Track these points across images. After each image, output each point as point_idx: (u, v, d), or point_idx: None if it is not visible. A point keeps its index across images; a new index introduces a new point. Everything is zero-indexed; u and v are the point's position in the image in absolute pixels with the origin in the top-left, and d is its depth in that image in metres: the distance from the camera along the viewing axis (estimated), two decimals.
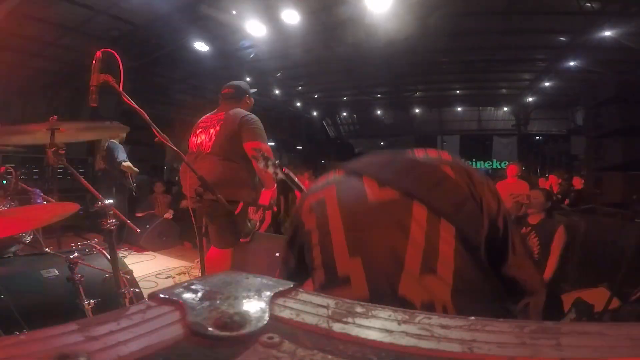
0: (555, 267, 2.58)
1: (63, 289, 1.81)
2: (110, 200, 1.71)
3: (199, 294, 0.37)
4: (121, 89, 1.46)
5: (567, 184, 6.49)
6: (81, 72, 6.85)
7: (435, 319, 0.32)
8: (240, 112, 2.26)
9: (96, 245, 2.23)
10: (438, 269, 0.67)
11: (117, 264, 1.81)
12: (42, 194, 3.03)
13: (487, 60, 8.02)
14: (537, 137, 13.03)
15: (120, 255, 3.73)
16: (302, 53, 7.38)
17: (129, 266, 2.42)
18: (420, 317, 0.33)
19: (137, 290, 1.98)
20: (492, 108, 13.05)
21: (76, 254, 1.78)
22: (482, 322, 0.31)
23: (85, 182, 1.77)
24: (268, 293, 0.37)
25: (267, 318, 0.32)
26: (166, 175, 8.74)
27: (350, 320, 0.33)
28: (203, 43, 6.47)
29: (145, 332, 0.30)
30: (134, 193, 4.78)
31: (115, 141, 4.51)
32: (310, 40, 6.58)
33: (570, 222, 2.83)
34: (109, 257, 1.88)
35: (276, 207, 5.18)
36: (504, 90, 11.28)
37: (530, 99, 11.16)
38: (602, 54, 6.59)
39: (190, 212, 1.91)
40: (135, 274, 2.40)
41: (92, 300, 1.71)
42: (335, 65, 8.19)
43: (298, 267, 0.86)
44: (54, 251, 2.17)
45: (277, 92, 10.28)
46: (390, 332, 0.31)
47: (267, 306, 0.34)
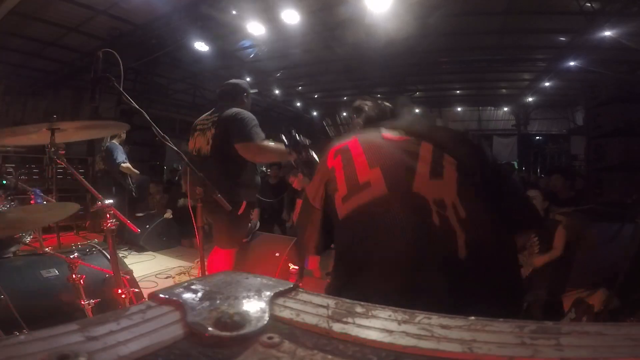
0: (556, 258, 2.60)
1: (63, 289, 1.81)
2: (110, 200, 1.71)
3: (199, 294, 0.37)
4: (121, 89, 1.46)
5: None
6: (81, 72, 6.89)
7: (435, 319, 0.32)
8: (235, 112, 2.18)
9: (96, 245, 2.23)
10: (444, 177, 0.86)
11: (117, 264, 1.81)
12: (42, 194, 3.03)
13: (487, 60, 8.00)
14: (537, 137, 13.02)
15: (120, 255, 3.74)
16: (302, 53, 7.37)
17: (129, 266, 2.42)
18: (420, 317, 0.33)
19: (137, 290, 1.98)
20: (492, 108, 13.04)
21: (76, 254, 1.78)
22: (482, 322, 0.31)
23: (85, 182, 1.76)
24: (268, 293, 0.37)
25: (267, 318, 0.32)
26: (166, 176, 8.73)
27: (350, 320, 0.33)
28: (203, 43, 6.46)
29: (145, 332, 0.30)
30: (133, 194, 4.77)
31: (116, 142, 4.50)
32: (310, 40, 6.57)
33: (570, 222, 2.82)
34: (109, 257, 1.88)
35: (277, 207, 5.19)
36: (504, 90, 11.27)
37: (530, 99, 11.15)
38: (602, 54, 6.58)
39: (191, 212, 1.91)
40: (135, 274, 2.40)
41: (92, 300, 1.71)
42: (335, 65, 8.18)
43: (322, 222, 1.01)
44: (54, 251, 2.16)
45: (277, 92, 10.27)
46: (390, 332, 0.30)
47: (267, 306, 0.34)
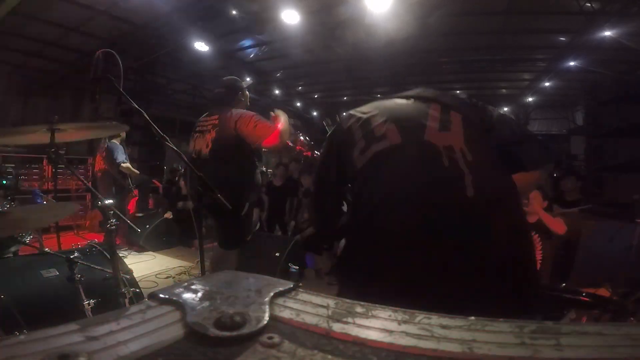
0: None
1: (63, 289, 1.81)
2: (110, 201, 1.71)
3: (199, 294, 0.37)
4: (121, 89, 1.46)
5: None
6: (81, 72, 6.88)
7: (435, 319, 0.32)
8: (232, 114, 2.17)
9: (96, 245, 2.23)
10: (452, 129, 0.98)
11: (117, 264, 1.81)
12: (42, 194, 3.03)
13: (487, 60, 8.00)
14: (537, 137, 13.03)
15: (120, 255, 3.73)
16: (302, 53, 7.36)
17: (129, 266, 2.42)
18: (420, 317, 0.32)
19: (137, 290, 1.98)
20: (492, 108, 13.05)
21: (76, 254, 1.78)
22: (482, 322, 0.31)
23: (85, 182, 1.77)
24: (268, 293, 0.37)
25: (267, 318, 0.32)
26: (166, 176, 8.72)
27: (350, 320, 0.32)
28: (203, 43, 6.46)
29: (145, 332, 0.30)
30: (133, 194, 4.77)
31: (116, 142, 4.49)
32: (310, 40, 6.56)
33: (570, 222, 2.82)
34: (109, 257, 1.88)
35: (280, 210, 5.18)
36: (504, 90, 11.26)
37: (530, 99, 11.15)
38: (602, 54, 6.57)
39: (191, 212, 1.91)
40: (135, 274, 2.40)
41: (92, 300, 1.71)
42: (335, 65, 8.18)
43: (337, 178, 1.12)
44: (54, 251, 2.16)
45: (277, 92, 10.27)
46: (390, 332, 0.30)
47: (267, 306, 0.34)
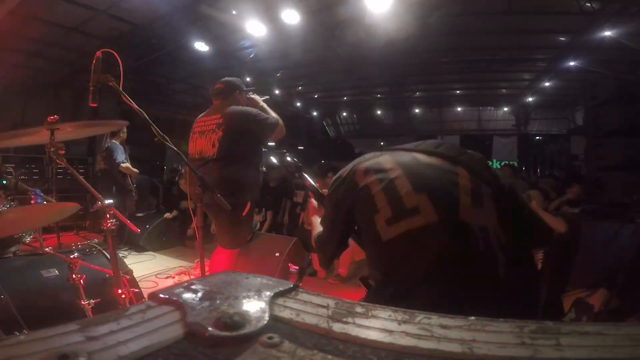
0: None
1: (63, 289, 1.81)
2: (110, 201, 1.70)
3: (199, 294, 0.37)
4: (121, 89, 1.46)
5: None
6: (81, 72, 6.88)
7: (435, 319, 0.32)
8: (242, 112, 2.18)
9: (96, 245, 2.23)
10: (484, 206, 0.91)
11: (117, 264, 1.81)
12: (42, 194, 3.03)
13: (487, 60, 8.00)
14: (537, 137, 13.01)
15: (120, 255, 3.74)
16: (302, 53, 7.36)
17: (129, 266, 2.42)
18: (420, 317, 0.32)
19: (137, 290, 1.98)
20: (492, 108, 13.04)
21: (76, 254, 1.78)
22: (482, 322, 0.31)
23: (85, 182, 1.76)
24: (268, 293, 0.37)
25: (267, 318, 0.32)
26: (166, 176, 8.72)
27: (350, 320, 0.32)
28: (203, 43, 6.46)
29: (145, 332, 0.30)
30: (133, 194, 4.77)
31: (116, 142, 4.49)
32: (310, 40, 6.56)
33: (570, 222, 2.82)
34: (109, 257, 1.88)
35: (278, 210, 5.19)
36: (504, 90, 11.25)
37: (530, 99, 11.15)
38: (602, 54, 6.57)
39: (191, 212, 1.91)
40: (135, 274, 2.41)
41: (92, 300, 1.71)
42: (335, 65, 8.17)
43: (344, 230, 1.09)
44: (54, 251, 2.16)
45: (277, 92, 10.27)
46: (390, 332, 0.30)
47: (267, 306, 0.34)
